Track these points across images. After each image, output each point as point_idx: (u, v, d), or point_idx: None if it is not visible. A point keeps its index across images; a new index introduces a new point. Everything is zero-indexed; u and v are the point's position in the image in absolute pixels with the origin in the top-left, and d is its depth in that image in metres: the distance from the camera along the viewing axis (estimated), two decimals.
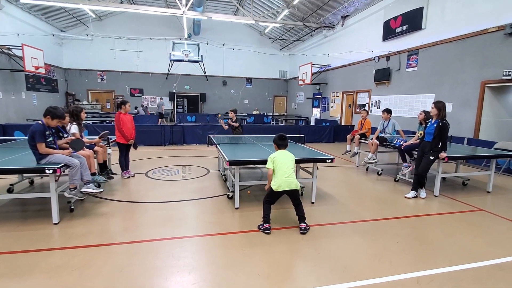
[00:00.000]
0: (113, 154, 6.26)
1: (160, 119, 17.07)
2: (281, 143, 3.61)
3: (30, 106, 14.06)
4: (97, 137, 5.18)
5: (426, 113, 5.46)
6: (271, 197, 3.55)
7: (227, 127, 7.64)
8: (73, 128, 4.71)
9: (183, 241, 3.25)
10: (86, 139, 5.09)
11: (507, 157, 6.33)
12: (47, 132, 3.70)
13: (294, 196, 3.52)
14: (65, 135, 4.37)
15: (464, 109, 8.24)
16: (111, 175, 5.53)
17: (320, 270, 2.72)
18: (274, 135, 3.72)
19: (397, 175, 5.99)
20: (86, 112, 5.70)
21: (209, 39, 19.55)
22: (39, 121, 3.70)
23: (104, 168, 5.34)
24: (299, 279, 2.56)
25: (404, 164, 5.76)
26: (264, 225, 3.49)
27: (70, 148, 3.94)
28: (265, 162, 4.80)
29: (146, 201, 4.52)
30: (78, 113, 4.88)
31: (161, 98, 19.59)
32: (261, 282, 2.50)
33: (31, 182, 5.37)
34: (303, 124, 17.00)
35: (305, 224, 3.51)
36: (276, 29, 18.69)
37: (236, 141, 6.25)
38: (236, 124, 7.56)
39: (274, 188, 3.44)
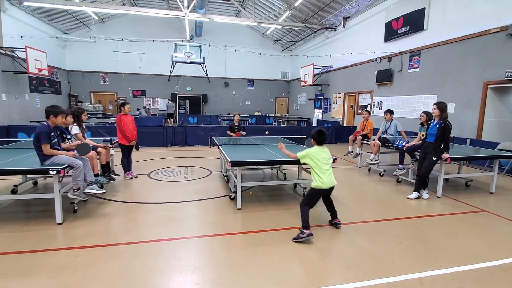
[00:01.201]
0: (116, 155, 6.29)
1: (169, 120, 17.36)
2: (319, 139, 3.46)
3: (33, 108, 14.15)
4: (100, 144, 5.19)
5: (428, 114, 5.45)
6: (313, 198, 3.44)
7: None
8: (74, 129, 4.72)
9: (186, 241, 3.26)
10: (88, 140, 5.11)
11: (510, 158, 6.30)
12: (52, 134, 3.73)
13: (330, 193, 3.55)
14: (69, 136, 4.40)
15: (467, 109, 8.21)
16: (113, 176, 5.55)
17: (322, 270, 2.72)
18: (312, 132, 3.53)
19: (392, 174, 6.04)
20: (89, 114, 5.73)
21: (211, 41, 19.61)
22: (44, 123, 3.73)
23: (106, 169, 5.36)
24: (301, 280, 2.57)
25: (400, 166, 5.81)
26: (305, 231, 3.26)
27: (76, 152, 3.95)
28: (267, 163, 4.79)
29: (148, 202, 4.54)
30: (79, 114, 4.89)
31: (169, 100, 19.74)
32: (263, 282, 2.51)
33: (35, 183, 5.41)
34: (305, 125, 16.99)
35: (338, 219, 3.64)
36: (278, 30, 18.73)
37: (238, 142, 6.26)
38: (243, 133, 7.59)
39: (320, 186, 3.33)
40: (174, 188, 5.34)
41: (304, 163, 3.54)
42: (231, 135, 7.67)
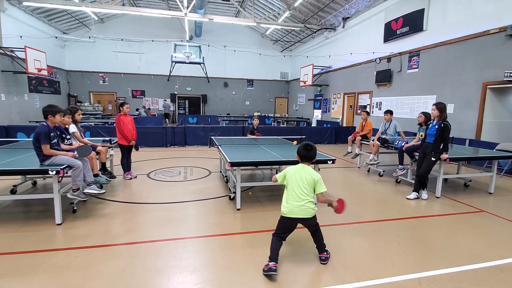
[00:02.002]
0: (115, 155, 6.28)
1: (167, 119, 17.89)
2: (304, 154, 2.76)
3: (33, 108, 14.14)
4: (98, 144, 5.16)
5: (426, 114, 5.46)
6: (281, 227, 2.73)
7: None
8: (72, 128, 4.68)
9: (185, 242, 3.26)
10: (86, 140, 5.10)
11: (509, 158, 6.31)
12: (52, 134, 3.73)
13: (309, 223, 2.78)
14: (68, 137, 4.39)
15: (466, 110, 8.23)
16: (112, 175, 5.50)
17: (321, 270, 2.72)
18: (299, 144, 2.88)
19: (393, 174, 6.05)
20: (88, 114, 5.71)
21: (210, 41, 19.62)
22: (44, 123, 3.72)
23: (105, 168, 5.31)
24: (300, 280, 2.57)
25: (399, 166, 5.81)
26: (269, 264, 2.56)
27: (76, 152, 3.94)
28: (266, 163, 4.77)
29: (148, 202, 4.54)
30: (73, 113, 4.79)
31: (165, 100, 19.95)
32: (262, 283, 2.51)
33: (34, 183, 5.40)
34: (305, 125, 17.01)
35: (325, 253, 2.83)
36: (277, 31, 18.74)
37: (238, 143, 6.27)
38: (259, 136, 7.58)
39: (284, 213, 2.68)
40: (174, 188, 5.34)
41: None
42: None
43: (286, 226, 2.71)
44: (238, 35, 20.33)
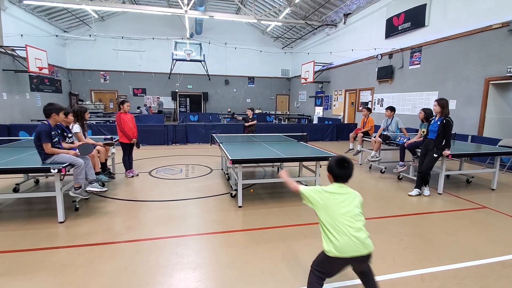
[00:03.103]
0: (117, 153, 6.30)
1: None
2: (339, 173, 2.09)
3: (34, 107, 14.16)
4: (99, 142, 5.16)
5: (426, 111, 5.44)
6: (326, 267, 2.00)
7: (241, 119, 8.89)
8: (75, 128, 4.71)
9: (187, 239, 3.27)
10: (88, 139, 5.11)
11: (511, 155, 6.27)
12: (53, 133, 3.73)
13: (363, 264, 2.03)
14: (69, 135, 4.40)
15: (468, 106, 8.18)
16: (112, 175, 5.50)
17: None
18: (330, 160, 2.16)
19: (393, 171, 6.03)
20: (90, 113, 5.72)
21: (211, 38, 19.56)
22: (45, 122, 3.73)
23: (104, 167, 5.32)
24: (301, 277, 2.57)
25: (400, 163, 5.79)
26: None
27: (77, 151, 3.95)
28: (267, 160, 4.72)
29: (149, 200, 4.55)
30: (82, 113, 4.89)
31: (158, 98, 20.13)
32: (264, 280, 2.51)
33: (37, 182, 5.42)
34: (306, 122, 16.97)
35: None
36: (278, 27, 18.65)
37: (239, 140, 6.27)
38: (254, 122, 8.76)
39: (332, 253, 1.89)
40: (175, 186, 5.35)
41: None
42: (244, 125, 9.06)
43: (336, 266, 1.99)
44: (238, 32, 20.25)
